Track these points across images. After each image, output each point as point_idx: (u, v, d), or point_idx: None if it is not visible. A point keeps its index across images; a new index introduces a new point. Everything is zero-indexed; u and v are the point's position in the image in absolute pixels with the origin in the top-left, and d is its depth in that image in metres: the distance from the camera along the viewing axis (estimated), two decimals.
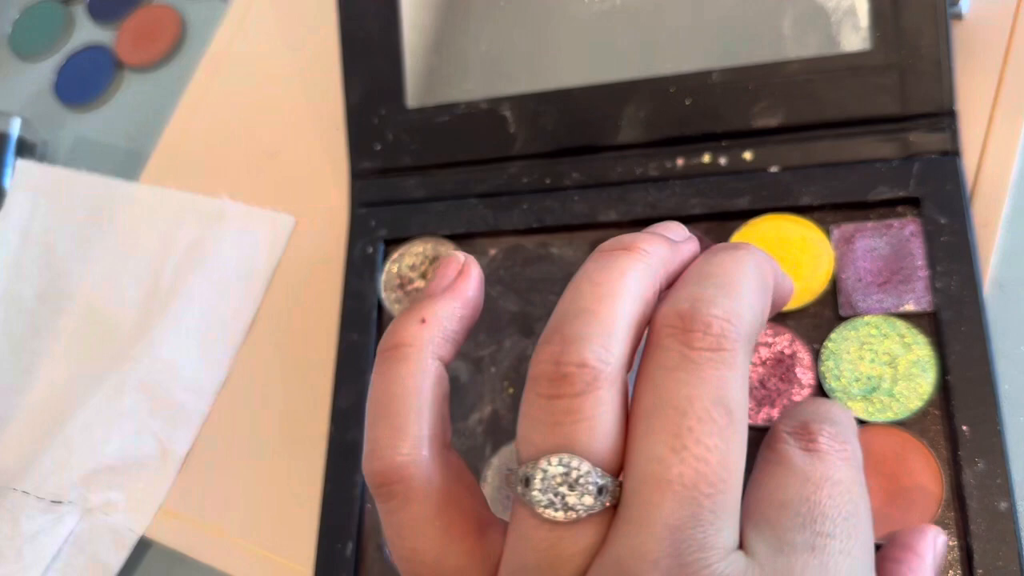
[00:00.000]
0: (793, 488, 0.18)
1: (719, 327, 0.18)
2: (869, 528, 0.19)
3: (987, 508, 0.26)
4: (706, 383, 0.17)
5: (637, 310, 0.19)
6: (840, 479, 0.19)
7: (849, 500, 0.18)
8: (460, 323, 0.22)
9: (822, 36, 0.32)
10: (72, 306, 0.44)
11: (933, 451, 0.28)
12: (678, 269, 0.21)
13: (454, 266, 0.22)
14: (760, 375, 0.30)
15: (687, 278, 0.19)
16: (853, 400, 0.29)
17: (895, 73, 0.31)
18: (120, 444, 0.40)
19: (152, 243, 0.44)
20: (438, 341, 0.21)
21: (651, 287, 0.19)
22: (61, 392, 0.42)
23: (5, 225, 0.46)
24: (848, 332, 0.29)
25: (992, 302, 0.30)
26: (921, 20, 0.31)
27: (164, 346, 0.41)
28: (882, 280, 0.30)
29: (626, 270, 0.19)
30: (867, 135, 0.31)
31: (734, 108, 0.32)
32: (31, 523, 0.39)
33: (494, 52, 0.35)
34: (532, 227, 0.34)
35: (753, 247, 0.20)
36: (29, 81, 0.52)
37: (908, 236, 0.30)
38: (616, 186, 0.34)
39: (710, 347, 0.18)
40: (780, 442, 0.19)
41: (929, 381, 0.28)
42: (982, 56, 0.33)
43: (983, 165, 0.32)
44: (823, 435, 0.19)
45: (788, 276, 0.22)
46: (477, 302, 0.22)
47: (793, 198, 0.31)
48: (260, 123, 0.44)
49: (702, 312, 0.18)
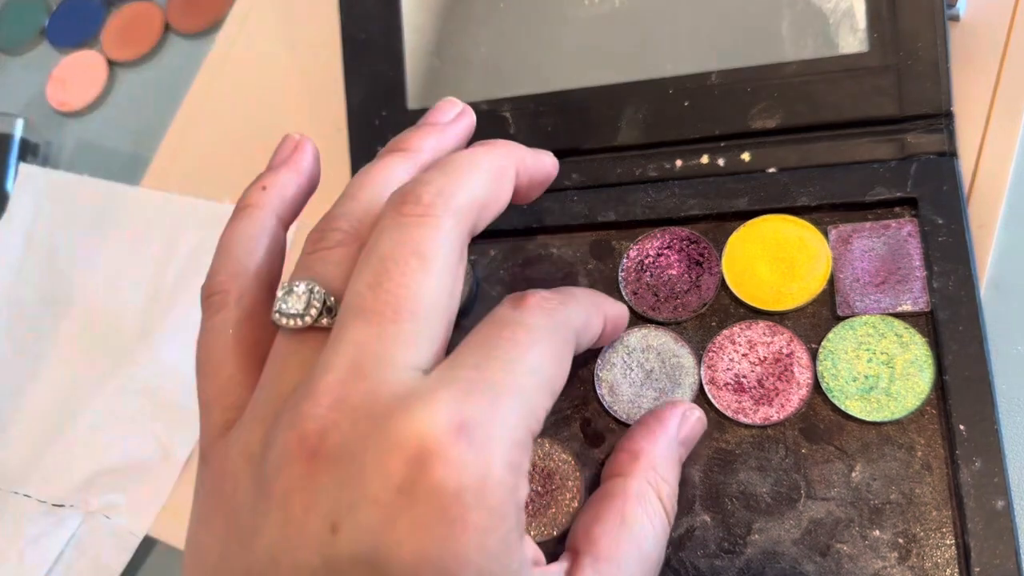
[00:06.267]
0: (485, 328, 0.22)
1: (428, 198, 0.22)
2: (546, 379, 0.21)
3: (984, 507, 0.27)
4: (409, 239, 0.21)
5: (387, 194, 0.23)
6: (533, 325, 0.22)
7: (534, 342, 0.21)
8: (297, 190, 0.26)
9: (820, 38, 0.32)
10: (74, 310, 0.44)
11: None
12: (453, 145, 0.27)
13: (290, 143, 0.27)
14: (758, 374, 0.30)
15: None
16: (850, 399, 0.29)
17: (892, 74, 0.31)
18: (122, 447, 0.40)
19: (155, 247, 0.44)
20: (276, 203, 0.26)
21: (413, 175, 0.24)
22: (63, 395, 0.42)
23: (8, 228, 0.46)
24: (845, 332, 0.29)
25: (989, 302, 0.30)
26: (918, 22, 0.31)
27: (166, 349, 0.41)
28: (879, 280, 0.30)
29: (391, 166, 0.25)
30: (864, 136, 0.32)
31: (732, 110, 0.33)
32: (33, 526, 0.39)
33: (494, 54, 0.36)
34: (531, 227, 0.34)
35: (505, 144, 0.25)
36: (28, 82, 0.52)
37: (905, 236, 0.30)
38: (615, 187, 0.34)
39: (417, 213, 0.22)
40: (497, 306, 0.23)
41: (926, 380, 0.28)
42: (979, 58, 0.33)
43: (980, 166, 0.32)
44: (534, 296, 0.23)
45: (546, 156, 0.27)
46: (312, 172, 0.27)
47: (791, 199, 0.32)
48: (262, 126, 0.44)
49: (416, 188, 0.22)
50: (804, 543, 0.28)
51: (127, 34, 0.50)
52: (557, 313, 0.23)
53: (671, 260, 0.32)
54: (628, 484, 0.25)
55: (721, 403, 0.30)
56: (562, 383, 0.22)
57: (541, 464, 0.31)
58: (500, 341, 0.21)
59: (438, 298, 0.21)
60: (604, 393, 0.31)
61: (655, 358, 0.31)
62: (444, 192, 0.22)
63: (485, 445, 0.19)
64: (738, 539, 0.29)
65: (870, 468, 0.28)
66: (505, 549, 0.19)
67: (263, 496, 0.20)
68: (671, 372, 0.31)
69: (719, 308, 0.31)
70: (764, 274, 0.31)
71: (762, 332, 0.30)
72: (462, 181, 0.23)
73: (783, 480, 0.29)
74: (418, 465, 0.18)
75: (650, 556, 0.24)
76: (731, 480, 0.29)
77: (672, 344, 0.31)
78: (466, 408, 0.19)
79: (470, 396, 0.19)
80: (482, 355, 0.21)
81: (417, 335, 0.21)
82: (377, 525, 0.18)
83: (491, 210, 0.24)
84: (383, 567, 0.18)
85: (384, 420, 0.19)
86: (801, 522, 0.28)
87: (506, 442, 0.19)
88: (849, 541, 0.28)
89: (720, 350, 0.31)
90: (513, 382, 0.20)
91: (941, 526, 0.27)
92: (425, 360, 0.21)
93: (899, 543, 0.27)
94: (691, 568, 0.29)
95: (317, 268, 0.23)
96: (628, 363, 0.31)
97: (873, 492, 0.28)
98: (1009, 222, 0.31)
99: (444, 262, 0.22)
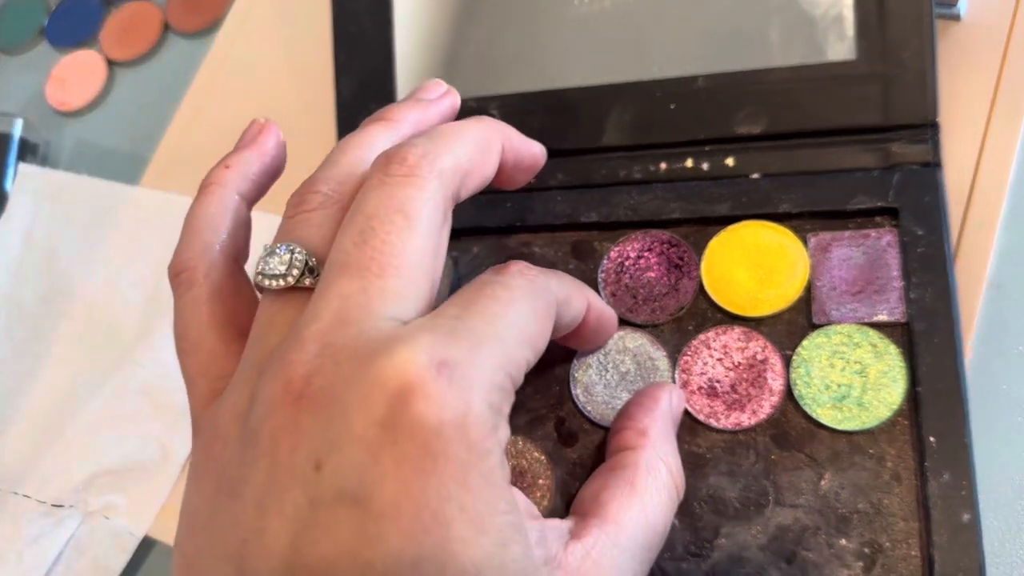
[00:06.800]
0: (467, 288, 0.22)
1: (413, 159, 0.22)
2: (525, 333, 0.22)
3: (950, 519, 0.27)
4: (393, 197, 0.22)
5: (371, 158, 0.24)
6: (513, 285, 0.22)
7: (513, 300, 0.22)
8: (261, 168, 0.27)
9: (808, 44, 0.32)
10: (74, 310, 0.44)
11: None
12: (436, 122, 0.27)
13: (256, 126, 0.28)
14: (732, 379, 0.30)
15: None
16: (822, 407, 0.29)
17: (879, 83, 0.31)
18: (121, 447, 0.40)
19: (154, 247, 0.44)
20: (239, 181, 0.26)
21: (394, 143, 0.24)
22: (62, 395, 0.43)
23: (7, 228, 0.46)
24: (820, 340, 0.29)
25: (990, 302, 0.30)
26: (907, 31, 0.31)
27: (165, 349, 0.41)
28: (856, 289, 0.30)
29: (374, 134, 0.25)
30: (849, 144, 0.32)
31: (718, 114, 0.33)
32: (32, 527, 0.39)
33: (484, 51, 0.36)
34: (514, 226, 0.34)
35: (493, 120, 0.26)
36: (27, 82, 0.52)
37: (885, 246, 0.30)
38: (599, 188, 0.34)
39: (403, 173, 0.22)
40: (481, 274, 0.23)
41: (899, 391, 0.28)
42: (979, 57, 0.33)
43: (981, 165, 0.32)
44: (516, 264, 0.23)
45: (535, 143, 0.27)
46: (276, 154, 0.28)
47: (772, 205, 0.31)
48: None
49: (402, 150, 0.23)
50: (770, 549, 0.28)
51: (126, 34, 0.50)
52: (537, 280, 0.23)
53: (651, 262, 0.32)
54: (638, 456, 0.26)
55: (694, 407, 0.30)
56: (543, 343, 0.23)
57: (513, 462, 0.31)
58: (481, 297, 0.22)
59: (422, 257, 0.22)
60: (579, 394, 0.31)
61: (630, 360, 0.31)
62: (429, 154, 0.23)
63: (465, 383, 0.19)
64: (705, 543, 0.29)
65: (839, 477, 0.28)
66: (487, 486, 0.19)
67: (250, 446, 0.20)
68: (646, 375, 0.31)
69: (696, 312, 0.32)
70: (742, 280, 0.31)
71: (737, 337, 0.30)
72: (448, 146, 0.23)
73: (752, 486, 0.29)
74: (400, 401, 0.19)
75: (655, 525, 0.25)
76: (701, 484, 0.29)
77: (648, 347, 0.31)
78: (447, 349, 0.20)
79: (451, 338, 0.20)
80: (463, 307, 0.21)
81: (402, 291, 0.21)
82: (360, 461, 0.19)
83: (475, 178, 0.24)
84: (366, 501, 0.18)
85: (367, 361, 0.19)
86: (768, 528, 0.28)
87: (485, 383, 0.20)
88: (815, 549, 0.28)
89: (695, 354, 0.31)
90: (493, 331, 0.21)
91: (908, 537, 0.27)
92: (409, 316, 0.21)
93: (865, 553, 0.27)
94: (657, 570, 0.29)
95: (298, 231, 0.23)
96: (604, 364, 0.31)
97: (841, 501, 0.28)
98: (1009, 222, 0.31)
99: (428, 222, 0.22)
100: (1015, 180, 0.32)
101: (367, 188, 0.22)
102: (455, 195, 0.24)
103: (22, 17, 0.53)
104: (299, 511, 0.19)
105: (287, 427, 0.20)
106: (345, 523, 0.18)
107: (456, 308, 0.21)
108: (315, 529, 0.19)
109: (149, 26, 0.50)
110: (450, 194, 0.23)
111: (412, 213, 0.22)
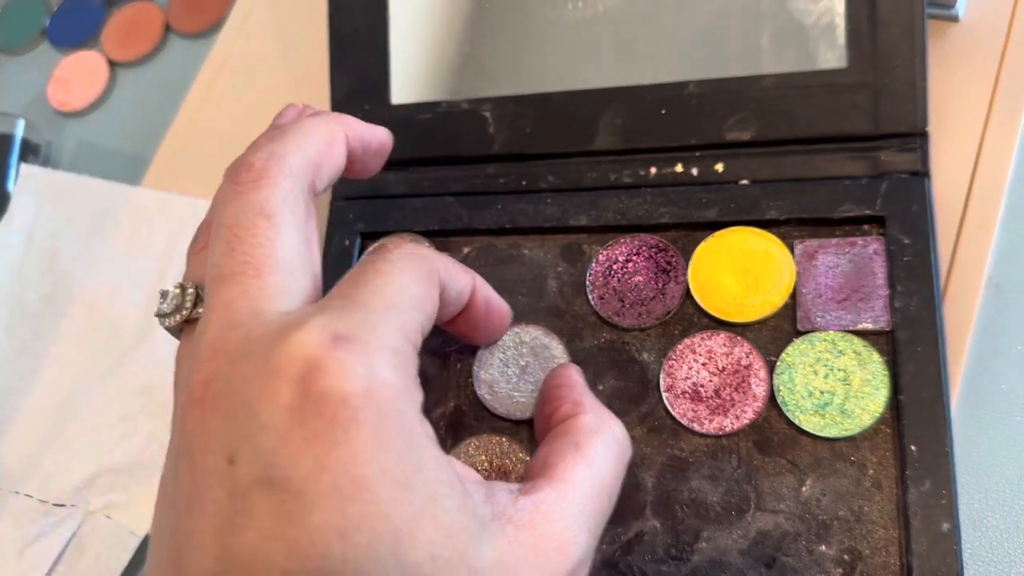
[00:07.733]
0: (349, 273, 0.23)
1: (260, 163, 0.23)
2: (414, 296, 0.23)
3: (930, 528, 0.27)
4: (249, 203, 0.23)
5: None
6: (391, 258, 0.23)
7: (395, 270, 0.22)
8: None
9: (799, 52, 0.32)
10: (75, 310, 0.44)
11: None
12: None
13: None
14: (716, 384, 0.30)
15: None
16: (805, 414, 0.29)
17: (869, 92, 0.31)
18: (122, 446, 0.40)
19: (155, 247, 0.44)
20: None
21: None
22: (64, 395, 0.43)
23: (9, 229, 0.46)
24: (804, 346, 0.30)
25: (989, 302, 0.30)
26: (898, 40, 0.31)
27: (166, 349, 0.41)
28: (842, 297, 0.30)
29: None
30: (838, 152, 0.32)
31: (708, 120, 0.33)
32: (33, 526, 0.40)
33: (477, 54, 0.36)
34: (505, 228, 0.35)
35: (333, 113, 0.27)
36: (29, 82, 0.52)
37: (871, 255, 0.30)
38: (589, 191, 0.34)
39: (252, 179, 0.23)
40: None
41: (881, 399, 0.28)
42: (979, 58, 0.34)
43: (979, 166, 0.32)
44: (392, 241, 0.25)
45: (379, 127, 0.29)
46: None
47: (760, 211, 0.32)
48: (262, 126, 0.44)
49: (247, 157, 0.24)
50: (751, 554, 0.28)
51: (128, 34, 0.50)
52: (417, 250, 0.24)
53: (639, 266, 0.32)
54: (579, 420, 0.26)
55: (677, 411, 0.30)
56: (432, 307, 0.23)
57: (498, 462, 0.31)
58: (364, 274, 0.22)
59: (295, 250, 0.23)
60: (484, 393, 0.32)
61: (528, 352, 0.32)
62: (275, 155, 0.24)
63: (363, 351, 0.20)
64: (686, 546, 0.29)
65: (821, 483, 0.28)
66: (407, 447, 0.20)
67: (178, 459, 0.21)
68: (544, 364, 0.32)
69: (683, 317, 0.32)
70: (728, 285, 0.31)
71: (722, 343, 0.30)
72: (294, 144, 0.24)
73: (734, 490, 0.29)
74: (303, 381, 0.19)
75: (604, 483, 0.25)
76: (683, 487, 0.29)
77: (543, 337, 0.32)
78: (339, 323, 0.20)
79: (342, 313, 0.21)
80: (349, 287, 0.22)
81: (283, 286, 0.22)
82: (270, 446, 0.19)
83: (327, 169, 0.26)
84: (283, 482, 0.19)
85: (263, 354, 0.20)
86: (749, 533, 0.28)
87: (384, 347, 0.20)
88: (795, 554, 0.28)
89: (680, 358, 0.31)
90: (381, 300, 0.22)
91: (887, 545, 0.27)
92: (295, 308, 0.22)
93: (844, 559, 0.27)
94: (638, 572, 0.29)
95: (190, 270, 0.25)
96: (504, 361, 0.32)
97: (822, 507, 0.28)
98: (1009, 222, 0.31)
99: (292, 217, 0.23)
100: (1014, 178, 0.32)
101: (222, 201, 0.23)
102: (311, 187, 0.25)
103: (23, 18, 0.53)
104: (219, 506, 0.19)
105: (196, 432, 0.20)
106: (264, 508, 0.19)
107: (342, 288, 0.22)
108: (237, 519, 0.19)
109: (150, 27, 0.50)
110: (306, 188, 0.24)
111: (272, 212, 0.23)
